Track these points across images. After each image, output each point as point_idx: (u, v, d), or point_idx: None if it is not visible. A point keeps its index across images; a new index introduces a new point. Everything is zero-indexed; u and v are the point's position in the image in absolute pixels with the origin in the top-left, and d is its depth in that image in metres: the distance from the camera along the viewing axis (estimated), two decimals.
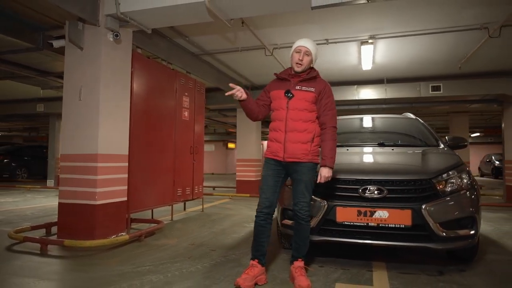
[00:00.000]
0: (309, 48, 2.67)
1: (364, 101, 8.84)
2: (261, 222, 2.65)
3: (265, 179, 2.68)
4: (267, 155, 2.73)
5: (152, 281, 2.75)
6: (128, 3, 3.91)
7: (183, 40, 5.65)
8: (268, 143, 2.75)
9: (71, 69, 4.16)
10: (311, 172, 2.66)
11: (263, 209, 2.64)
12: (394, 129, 4.37)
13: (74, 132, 4.08)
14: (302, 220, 2.65)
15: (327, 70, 7.53)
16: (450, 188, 2.85)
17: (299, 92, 2.65)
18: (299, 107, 2.64)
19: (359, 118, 4.70)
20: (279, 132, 2.65)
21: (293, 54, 2.70)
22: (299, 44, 2.69)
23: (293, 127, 2.62)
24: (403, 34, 5.34)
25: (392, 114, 4.82)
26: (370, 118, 4.63)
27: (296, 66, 2.67)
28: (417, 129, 4.20)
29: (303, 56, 2.65)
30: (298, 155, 2.61)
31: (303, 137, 2.63)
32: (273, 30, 5.26)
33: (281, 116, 2.66)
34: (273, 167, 2.69)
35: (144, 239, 4.11)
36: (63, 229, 4.04)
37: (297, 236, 2.70)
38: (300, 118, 2.63)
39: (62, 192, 4.09)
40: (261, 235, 2.66)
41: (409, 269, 3.03)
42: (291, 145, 2.61)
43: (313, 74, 2.73)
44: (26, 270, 3.01)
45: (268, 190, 2.65)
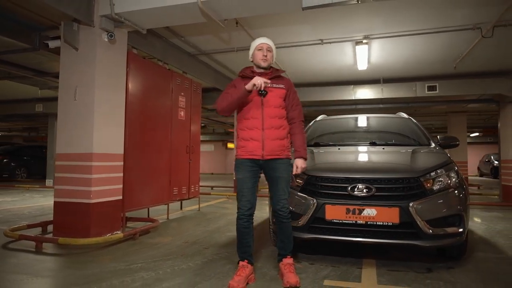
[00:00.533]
0: (270, 45, 2.74)
1: (360, 101, 8.88)
2: (244, 224, 2.65)
3: (244, 181, 2.65)
4: (242, 156, 2.68)
5: (143, 278, 2.79)
6: (123, 4, 3.95)
7: (179, 40, 5.69)
8: (242, 143, 2.69)
9: (66, 69, 4.21)
10: (288, 168, 2.72)
11: (246, 212, 2.64)
12: (387, 128, 4.41)
13: (70, 131, 4.13)
14: (284, 218, 2.68)
15: (323, 70, 7.59)
16: (438, 187, 2.89)
17: (271, 89, 2.67)
18: (274, 104, 2.68)
19: (352, 117, 4.74)
20: (256, 130, 2.64)
21: (254, 52, 2.73)
22: (260, 42, 2.73)
23: (271, 124, 2.64)
24: (397, 34, 5.39)
25: (385, 114, 4.86)
26: (363, 118, 4.67)
27: (263, 62, 2.69)
28: (410, 128, 4.24)
29: (266, 52, 2.69)
30: (277, 151, 2.66)
31: (280, 133, 2.68)
32: (268, 30, 5.30)
33: (257, 114, 2.65)
34: (249, 168, 2.66)
35: (139, 237, 4.16)
36: (58, 227, 4.09)
37: (282, 235, 2.72)
38: (276, 115, 2.67)
39: (57, 191, 4.13)
40: (246, 236, 2.67)
41: (398, 267, 3.07)
42: (270, 142, 2.63)
43: (279, 71, 2.80)
44: (21, 267, 3.06)
45: (248, 193, 2.65)
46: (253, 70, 2.79)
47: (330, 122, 4.74)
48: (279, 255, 2.75)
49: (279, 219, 2.70)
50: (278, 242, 2.77)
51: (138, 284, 2.65)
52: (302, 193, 3.06)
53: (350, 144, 3.88)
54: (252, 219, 2.71)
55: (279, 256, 2.75)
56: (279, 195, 2.67)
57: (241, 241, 2.69)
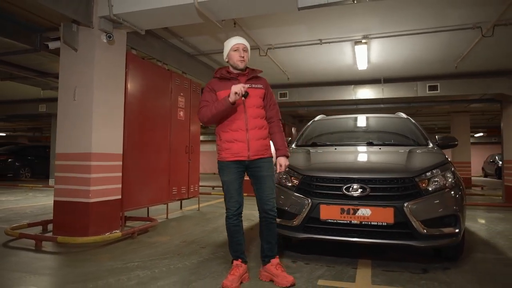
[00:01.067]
0: (245, 45, 2.72)
1: (361, 101, 8.87)
2: (234, 222, 2.67)
3: (231, 183, 2.65)
4: (226, 158, 2.65)
5: (139, 276, 2.81)
6: (121, 5, 3.98)
7: (178, 40, 5.72)
8: (225, 145, 2.66)
9: (66, 70, 4.25)
10: (272, 166, 2.75)
11: (235, 212, 2.66)
12: (385, 128, 4.41)
13: (69, 131, 4.17)
14: (273, 219, 2.68)
15: (323, 70, 7.59)
16: (433, 187, 2.88)
17: (252, 90, 2.66)
18: (255, 104, 2.68)
19: (351, 117, 4.74)
20: (240, 132, 2.63)
21: (230, 53, 2.69)
22: (236, 42, 2.70)
23: (254, 125, 2.65)
24: (395, 34, 5.38)
25: (384, 114, 4.86)
26: (362, 118, 4.67)
27: (240, 63, 2.67)
28: (408, 128, 4.23)
29: (243, 52, 2.67)
30: (261, 151, 2.68)
31: (263, 133, 2.71)
32: (266, 31, 5.31)
33: (240, 115, 2.64)
34: (235, 170, 2.65)
35: (137, 237, 4.19)
36: (58, 226, 4.13)
37: (270, 236, 2.70)
38: (258, 115, 2.68)
39: (57, 190, 4.17)
40: (237, 234, 2.69)
41: (394, 267, 3.07)
42: (255, 142, 2.64)
43: (256, 71, 2.79)
44: (20, 265, 3.10)
45: (236, 193, 2.66)
46: (229, 70, 2.74)
47: (328, 122, 4.74)
48: (266, 256, 2.70)
49: (267, 220, 2.68)
50: (264, 244, 2.71)
51: (134, 282, 2.68)
52: (297, 193, 3.07)
53: (347, 144, 3.89)
54: (241, 217, 2.73)
55: (266, 258, 2.70)
56: (268, 194, 2.66)
57: (232, 240, 2.71)
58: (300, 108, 10.50)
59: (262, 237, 2.74)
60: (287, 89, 8.99)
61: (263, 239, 2.73)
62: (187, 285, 2.62)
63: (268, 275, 2.66)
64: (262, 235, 2.74)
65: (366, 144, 3.79)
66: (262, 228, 2.73)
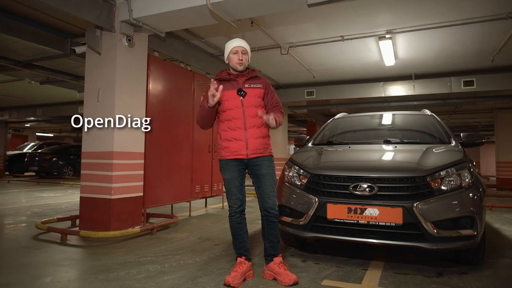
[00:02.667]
0: (244, 47, 2.74)
1: (392, 98, 8.60)
2: (237, 219, 2.72)
3: (232, 181, 2.70)
4: (226, 156, 2.71)
5: (148, 270, 2.91)
6: (139, 9, 4.14)
7: (200, 41, 5.83)
8: (225, 144, 2.72)
9: (90, 73, 4.48)
10: (273, 164, 2.75)
11: (237, 209, 2.71)
12: (406, 126, 4.25)
13: (93, 131, 4.38)
14: (274, 217, 2.69)
15: (349, 67, 7.42)
16: (447, 186, 2.74)
17: (250, 89, 2.70)
18: (254, 104, 2.69)
19: (371, 115, 4.60)
20: (238, 130, 2.67)
21: (229, 56, 2.74)
22: (235, 45, 2.73)
23: (253, 124, 2.67)
24: (421, 28, 5.16)
25: (408, 111, 4.67)
26: (383, 115, 4.51)
27: (239, 66, 2.70)
28: (431, 126, 4.04)
29: (241, 55, 2.70)
30: (260, 149, 2.70)
31: (262, 132, 2.72)
32: (286, 29, 5.29)
33: (238, 115, 2.67)
34: (235, 168, 2.70)
35: (156, 233, 4.32)
36: (84, 221, 4.36)
37: (271, 235, 2.70)
38: (256, 114, 2.68)
39: (83, 187, 4.41)
40: (240, 231, 2.73)
41: (407, 269, 2.95)
42: (253, 141, 2.67)
43: (255, 72, 2.81)
44: (43, 256, 3.30)
45: (237, 191, 2.70)
46: (229, 72, 2.79)
47: (348, 120, 4.64)
48: (269, 255, 2.70)
49: (269, 219, 2.69)
50: (266, 242, 2.73)
51: (142, 276, 2.77)
52: (305, 191, 3.03)
53: (363, 143, 3.79)
54: (244, 215, 2.76)
55: (268, 256, 2.70)
56: (268, 193, 2.68)
57: (235, 237, 2.75)
58: (330, 107, 10.34)
59: (264, 235, 2.75)
60: (314, 87, 8.89)
61: (265, 237, 2.74)
62: (191, 280, 2.68)
63: (271, 273, 2.66)
64: (264, 234, 2.74)
65: (383, 142, 3.67)
66: (264, 227, 2.74)
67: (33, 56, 5.60)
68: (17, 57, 5.70)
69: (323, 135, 4.32)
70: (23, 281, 2.61)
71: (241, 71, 2.74)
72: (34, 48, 5.16)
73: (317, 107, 10.73)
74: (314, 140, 4.23)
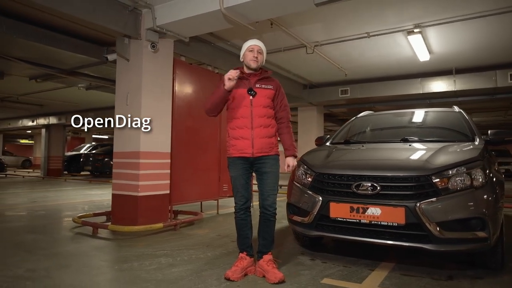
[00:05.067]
0: (261, 47, 2.79)
1: (431, 95, 8.18)
2: (242, 216, 2.78)
3: (237, 179, 2.76)
4: (233, 154, 2.76)
5: (160, 262, 3.09)
6: (162, 16, 4.38)
7: (225, 44, 5.99)
8: (232, 142, 2.76)
9: (120, 78, 4.81)
10: (277, 164, 2.77)
11: (242, 206, 2.77)
12: (429, 123, 4.07)
13: (123, 132, 4.70)
14: (272, 216, 2.73)
15: (382, 64, 7.20)
16: (455, 186, 2.61)
17: (260, 90, 2.73)
18: (263, 104, 2.73)
19: (395, 113, 4.47)
20: (245, 129, 2.71)
21: (245, 53, 2.79)
22: (251, 44, 2.79)
23: (260, 123, 2.70)
24: (453, 20, 4.89)
25: (435, 108, 4.47)
26: (407, 113, 4.37)
27: (253, 63, 2.74)
28: (456, 123, 3.84)
29: (257, 53, 2.75)
30: (266, 149, 2.73)
31: (269, 131, 2.75)
32: (308, 28, 5.28)
33: (246, 113, 2.71)
34: (241, 166, 2.74)
35: (180, 229, 4.54)
36: (115, 216, 4.69)
37: (266, 233, 2.75)
38: (264, 114, 2.72)
39: (114, 184, 4.74)
40: (244, 228, 2.79)
41: (417, 272, 2.85)
42: (259, 140, 2.70)
43: (268, 73, 2.84)
44: (73, 247, 3.64)
45: (242, 189, 2.76)
46: (242, 70, 2.81)
47: (371, 118, 4.54)
48: (260, 252, 2.76)
49: (265, 216, 2.74)
50: (260, 239, 2.78)
51: (153, 267, 2.96)
52: (310, 190, 3.05)
53: (379, 141, 3.70)
54: (249, 211, 2.82)
55: (259, 253, 2.76)
56: (268, 190, 2.72)
57: (239, 233, 2.81)
58: (369, 105, 10.06)
59: (259, 233, 2.80)
60: (348, 85, 8.72)
61: (260, 235, 2.79)
62: (196, 273, 2.81)
63: (260, 270, 2.71)
64: (259, 230, 2.79)
65: (400, 141, 3.56)
66: (260, 224, 2.79)
67: (75, 65, 6.12)
68: (62, 65, 6.26)
69: (343, 134, 4.28)
70: (48, 267, 2.90)
71: (254, 69, 2.77)
72: (74, 57, 5.63)
73: (355, 106, 10.49)
74: (333, 139, 4.20)
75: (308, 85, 9.29)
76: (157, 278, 2.70)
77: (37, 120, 15.74)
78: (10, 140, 29.98)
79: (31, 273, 2.75)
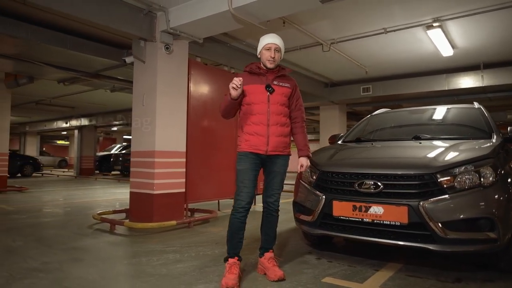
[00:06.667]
0: (278, 45, 2.66)
1: (457, 91, 7.85)
2: (241, 218, 2.60)
3: (246, 172, 2.61)
4: (245, 149, 2.65)
5: (167, 258, 3.18)
6: (175, 19, 4.49)
7: (240, 44, 6.03)
8: (246, 137, 2.67)
9: (137, 79, 4.97)
10: (287, 164, 2.74)
11: (245, 205, 2.59)
12: (445, 120, 3.93)
13: (139, 132, 4.86)
14: (274, 211, 2.72)
15: (404, 60, 7.00)
16: (461, 184, 2.51)
17: (278, 87, 2.66)
18: (280, 102, 2.66)
19: (411, 110, 4.35)
20: (261, 126, 2.61)
21: (262, 51, 2.69)
22: (268, 42, 2.66)
23: (276, 121, 2.64)
24: (474, 12, 4.68)
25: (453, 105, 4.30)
26: (423, 110, 4.25)
27: (269, 63, 2.65)
28: (474, 120, 3.70)
29: (274, 52, 2.64)
30: (280, 148, 2.67)
31: (284, 130, 2.69)
32: (322, 25, 5.22)
33: (263, 110, 2.62)
34: (252, 160, 2.64)
35: (194, 226, 4.63)
36: (132, 213, 4.85)
37: (269, 229, 2.74)
38: (281, 112, 2.66)
39: (132, 183, 4.90)
40: (240, 231, 2.62)
41: (423, 273, 2.77)
42: (275, 138, 2.63)
43: (285, 71, 2.77)
44: (89, 242, 3.79)
45: (250, 184, 2.61)
46: (259, 66, 2.74)
47: (385, 116, 4.45)
48: (262, 248, 2.74)
49: (269, 212, 2.73)
50: (263, 235, 2.76)
51: (160, 262, 3.05)
52: (314, 188, 3.03)
53: (388, 139, 3.62)
54: (248, 213, 2.69)
55: (261, 249, 2.75)
56: (274, 189, 2.70)
57: (234, 236, 2.62)
58: (391, 103, 9.80)
59: (262, 229, 2.80)
60: (369, 83, 8.54)
61: (262, 231, 2.79)
62: (199, 269, 2.87)
63: (261, 268, 2.72)
64: (262, 227, 2.79)
65: (412, 139, 3.46)
66: (263, 220, 2.78)
67: (99, 67, 6.37)
68: (86, 69, 6.54)
69: (356, 132, 4.22)
70: (62, 261, 3.05)
71: (271, 68, 2.68)
72: (97, 61, 5.87)
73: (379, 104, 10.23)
74: (345, 138, 4.15)
75: (329, 84, 9.18)
76: (161, 272, 2.78)
77: (70, 121, 16.49)
78: (48, 141, 31.58)
79: (45, 266, 2.91)
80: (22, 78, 7.43)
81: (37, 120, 18.43)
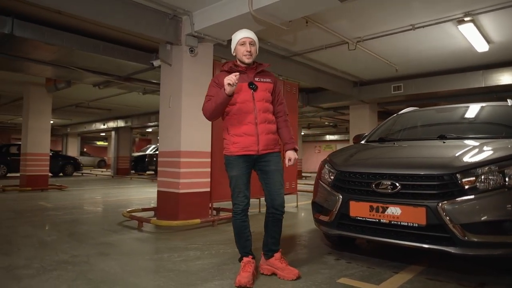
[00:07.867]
0: (252, 38, 2.63)
1: (495, 88, 7.45)
2: (242, 218, 2.64)
3: (240, 178, 2.60)
4: (235, 152, 2.60)
5: (188, 255, 3.27)
6: (199, 22, 4.61)
7: (265, 44, 6.07)
8: (234, 139, 2.59)
9: (164, 82, 5.14)
10: (281, 161, 2.70)
11: (244, 207, 2.63)
12: (476, 119, 3.75)
13: (166, 133, 5.02)
14: (280, 215, 2.68)
15: (436, 57, 6.75)
16: (484, 185, 2.41)
17: (260, 83, 2.63)
18: (265, 98, 2.63)
19: (439, 109, 4.20)
20: (249, 125, 2.56)
21: (237, 47, 2.64)
22: (242, 36, 2.62)
23: (264, 119, 2.60)
24: (506, 5, 4.43)
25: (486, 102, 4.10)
26: (451, 109, 4.08)
27: (246, 58, 2.59)
28: (507, 118, 3.52)
29: (250, 46, 2.59)
30: (271, 145, 2.64)
31: (272, 127, 2.67)
32: (347, 23, 5.15)
33: (249, 109, 2.57)
34: (244, 165, 2.60)
35: (218, 225, 4.72)
36: (159, 211, 5.02)
37: (275, 232, 2.69)
38: (267, 109, 2.64)
39: (159, 182, 5.08)
40: (245, 230, 2.66)
41: (444, 277, 2.68)
42: (265, 136, 2.59)
43: (264, 65, 2.72)
44: (117, 238, 3.98)
45: (244, 188, 2.62)
46: (237, 64, 2.68)
47: (412, 115, 4.32)
48: (270, 250, 2.70)
49: (275, 217, 2.67)
50: (268, 238, 2.71)
51: (180, 259, 3.15)
52: (331, 188, 3.01)
53: (412, 139, 3.52)
54: (247, 212, 2.71)
55: (270, 252, 2.71)
56: (277, 189, 2.64)
57: (241, 236, 2.68)
58: (425, 101, 9.46)
59: (267, 231, 2.73)
60: (400, 81, 8.30)
61: (268, 233, 2.73)
62: (218, 266, 2.94)
63: (270, 268, 2.68)
64: (267, 229, 2.73)
65: (437, 138, 3.35)
66: (268, 223, 2.72)
67: (129, 71, 6.64)
68: (118, 73, 6.84)
69: (379, 131, 4.13)
70: (89, 255, 3.23)
71: (248, 64, 2.64)
72: (128, 65, 6.13)
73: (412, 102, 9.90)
74: (369, 137, 4.08)
75: (359, 82, 9.00)
76: (180, 268, 2.88)
77: (107, 123, 17.26)
78: (89, 142, 33.20)
79: (74, 259, 3.09)
80: (60, 82, 7.89)
81: (77, 122, 19.45)
